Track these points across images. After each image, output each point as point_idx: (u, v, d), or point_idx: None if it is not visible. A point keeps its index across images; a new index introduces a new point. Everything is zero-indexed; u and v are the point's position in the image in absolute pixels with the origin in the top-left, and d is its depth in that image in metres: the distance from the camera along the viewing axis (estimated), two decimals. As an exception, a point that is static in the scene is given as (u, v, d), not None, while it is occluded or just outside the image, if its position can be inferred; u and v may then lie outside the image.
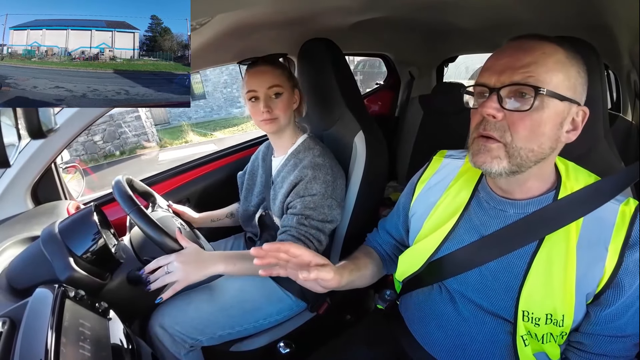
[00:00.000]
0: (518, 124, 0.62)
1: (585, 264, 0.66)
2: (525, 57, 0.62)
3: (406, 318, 0.92)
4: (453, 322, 0.81)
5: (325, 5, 1.16)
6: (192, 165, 1.76)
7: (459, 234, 0.79)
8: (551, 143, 0.64)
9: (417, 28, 1.87)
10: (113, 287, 0.95)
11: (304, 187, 1.10)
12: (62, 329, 0.62)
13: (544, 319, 0.68)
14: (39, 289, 0.71)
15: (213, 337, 1.17)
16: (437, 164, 0.90)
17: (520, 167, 0.65)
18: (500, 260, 0.73)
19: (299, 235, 1.08)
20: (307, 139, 1.21)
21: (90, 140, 11.02)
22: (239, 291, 1.21)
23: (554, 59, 0.61)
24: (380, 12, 1.35)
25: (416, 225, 0.88)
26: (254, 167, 1.40)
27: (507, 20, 1.46)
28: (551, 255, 0.68)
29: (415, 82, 2.41)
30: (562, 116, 0.63)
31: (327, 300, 1.31)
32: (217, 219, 1.45)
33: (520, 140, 0.63)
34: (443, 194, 0.84)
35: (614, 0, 0.93)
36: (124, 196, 1.00)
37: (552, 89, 0.60)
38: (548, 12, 1.20)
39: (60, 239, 0.88)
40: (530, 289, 0.69)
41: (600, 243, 0.66)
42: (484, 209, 0.77)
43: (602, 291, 0.66)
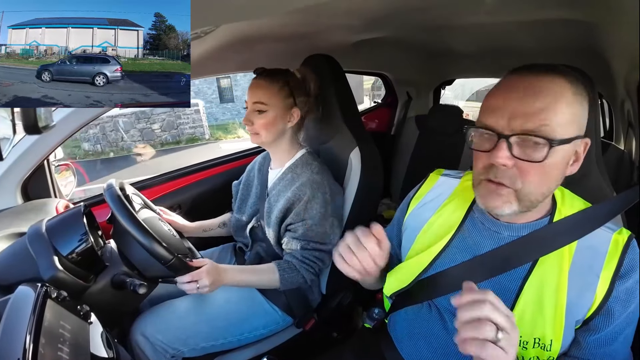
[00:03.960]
0: (529, 172, 0.62)
1: (576, 290, 0.66)
2: (537, 102, 0.60)
3: (394, 336, 0.91)
4: (442, 340, 0.80)
5: (329, 23, 1.19)
6: (185, 171, 1.74)
7: (451, 252, 0.78)
8: (558, 182, 0.66)
9: (416, 50, 1.91)
10: (96, 290, 0.93)
11: (304, 208, 1.10)
12: (42, 329, 0.60)
13: (532, 343, 0.68)
14: (21, 286, 0.70)
15: (195, 349, 1.14)
16: (433, 182, 0.90)
17: (530, 208, 0.67)
18: (491, 281, 0.72)
19: (303, 259, 1.13)
20: (305, 154, 1.20)
21: (148, 127, 12.14)
22: (225, 302, 1.19)
23: (564, 102, 0.60)
24: (382, 32, 1.38)
25: (408, 240, 0.87)
26: (249, 178, 1.38)
27: (505, 46, 1.50)
28: (543, 279, 0.68)
29: (413, 102, 2.45)
30: (569, 156, 0.64)
31: (314, 317, 1.29)
32: (209, 228, 1.43)
33: (531, 186, 0.63)
34: (437, 212, 0.84)
35: (610, 28, 0.96)
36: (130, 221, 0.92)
37: (562, 136, 0.60)
38: (544, 39, 1.23)
39: (47, 238, 0.86)
40: (521, 311, 0.69)
41: (592, 270, 0.66)
42: (478, 229, 0.77)
43: (592, 317, 0.66)
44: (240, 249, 1.40)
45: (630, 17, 0.82)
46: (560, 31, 1.09)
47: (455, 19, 1.14)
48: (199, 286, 1.00)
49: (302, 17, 1.08)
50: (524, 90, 0.61)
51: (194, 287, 1.00)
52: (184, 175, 1.72)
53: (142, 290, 0.92)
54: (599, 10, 0.89)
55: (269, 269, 1.15)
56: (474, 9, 1.03)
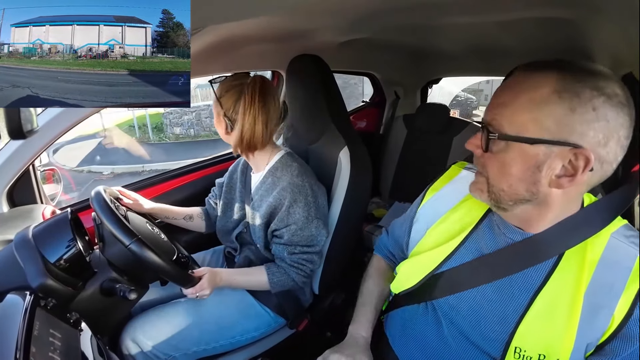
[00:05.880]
0: (487, 162, 0.64)
1: (591, 310, 0.62)
2: (503, 95, 0.61)
3: (389, 335, 0.90)
4: (435, 345, 0.78)
5: (315, 23, 1.19)
6: (174, 174, 1.73)
7: (462, 253, 0.76)
8: (527, 186, 0.61)
9: (402, 50, 1.92)
10: (85, 297, 0.92)
11: (287, 214, 1.10)
12: (32, 338, 0.59)
13: (535, 358, 0.65)
14: (9, 295, 0.69)
15: (187, 353, 1.13)
16: (454, 174, 0.86)
17: (499, 203, 0.66)
18: (501, 291, 0.70)
19: (292, 263, 1.14)
20: (284, 156, 1.18)
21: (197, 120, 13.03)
22: (216, 306, 1.19)
23: (526, 98, 0.58)
24: (367, 32, 1.38)
25: (418, 232, 0.85)
26: (232, 180, 1.34)
27: (489, 45, 1.52)
28: (557, 294, 0.65)
29: (400, 101, 2.47)
30: (535, 159, 0.58)
31: (307, 317, 1.29)
32: (173, 217, 1.36)
33: (492, 178, 0.64)
34: (453, 207, 0.81)
35: (591, 27, 0.98)
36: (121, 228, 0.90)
37: (513, 132, 0.59)
38: (528, 38, 1.25)
39: (34, 244, 0.85)
40: (529, 325, 0.66)
41: (613, 289, 0.61)
42: (494, 233, 0.73)
43: (608, 341, 0.62)
44: (229, 253, 1.39)
45: (611, 16, 0.84)
46: (543, 30, 1.10)
47: (440, 19, 1.15)
48: (198, 294, 1.04)
49: (288, 18, 1.08)
50: (509, 83, 0.62)
51: (195, 294, 1.04)
52: (174, 178, 1.70)
53: (132, 296, 0.91)
54: (580, 9, 0.90)
55: (260, 271, 1.15)
56: (458, 10, 1.04)
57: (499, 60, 1.73)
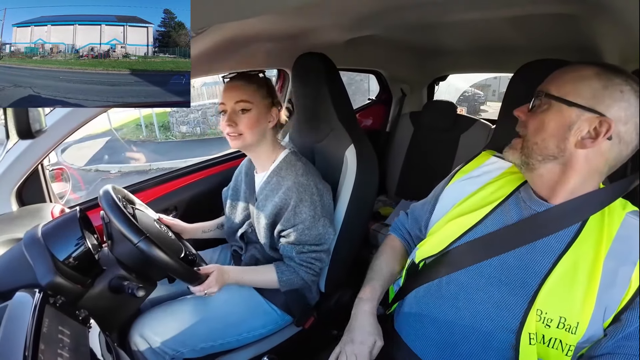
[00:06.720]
0: (529, 121, 0.74)
1: (610, 276, 0.68)
2: (556, 74, 0.73)
3: (399, 329, 0.91)
4: (450, 320, 0.81)
5: (320, 22, 1.19)
6: (180, 173, 1.74)
7: (486, 224, 0.82)
8: (557, 142, 0.71)
9: (409, 47, 1.91)
10: (94, 294, 0.92)
11: (293, 214, 1.10)
12: (40, 335, 0.60)
13: (556, 321, 0.69)
14: (18, 292, 0.69)
15: (195, 350, 1.14)
16: (484, 159, 0.95)
17: (529, 158, 0.74)
18: (522, 258, 0.76)
19: (301, 262, 1.14)
20: (288, 155, 1.19)
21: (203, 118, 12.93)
22: (223, 303, 1.19)
23: (573, 75, 0.70)
24: (373, 30, 1.38)
25: (442, 208, 0.92)
26: (237, 183, 1.36)
27: (496, 42, 1.51)
28: (578, 260, 0.71)
29: (407, 98, 2.46)
30: (568, 119, 0.69)
31: (313, 315, 1.29)
32: (208, 230, 1.43)
33: (529, 134, 0.74)
34: (480, 187, 0.88)
35: (598, 23, 0.97)
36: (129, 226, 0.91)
37: (559, 94, 0.70)
38: (535, 35, 1.24)
39: (43, 243, 0.85)
40: (551, 288, 0.71)
41: (629, 259, 0.68)
42: (519, 207, 0.81)
43: (624, 309, 0.67)
44: (235, 251, 1.40)
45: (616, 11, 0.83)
46: (550, 27, 1.09)
47: (445, 16, 1.14)
48: (206, 292, 1.05)
49: (294, 17, 1.07)
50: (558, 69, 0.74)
51: (202, 291, 1.05)
52: (180, 177, 1.71)
53: (140, 293, 0.92)
54: (587, 5, 0.90)
55: (269, 270, 1.16)
56: (464, 6, 1.03)
57: (505, 56, 1.71)
